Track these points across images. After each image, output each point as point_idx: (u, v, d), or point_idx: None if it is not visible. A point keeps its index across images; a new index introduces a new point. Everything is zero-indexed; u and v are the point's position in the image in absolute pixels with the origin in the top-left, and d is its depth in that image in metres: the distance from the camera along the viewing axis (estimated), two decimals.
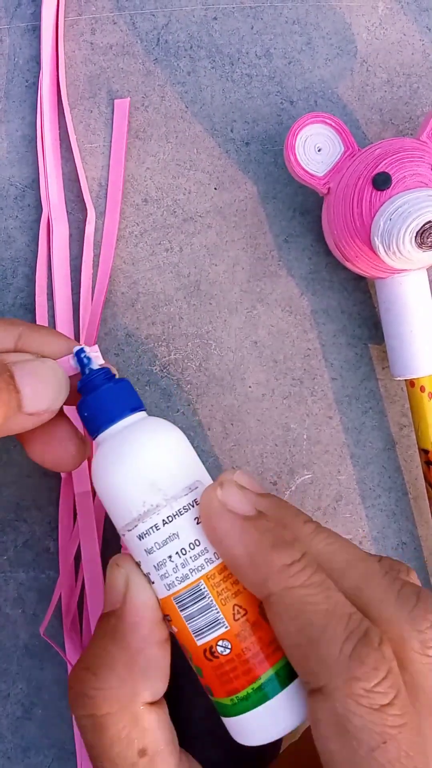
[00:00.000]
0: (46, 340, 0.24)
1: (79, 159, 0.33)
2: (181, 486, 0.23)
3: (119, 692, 0.22)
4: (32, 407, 0.22)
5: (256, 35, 0.34)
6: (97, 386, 0.24)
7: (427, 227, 0.28)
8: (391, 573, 0.23)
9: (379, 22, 0.35)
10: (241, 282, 0.34)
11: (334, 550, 0.23)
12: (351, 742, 0.19)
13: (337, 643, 0.20)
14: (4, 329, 0.24)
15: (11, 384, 0.21)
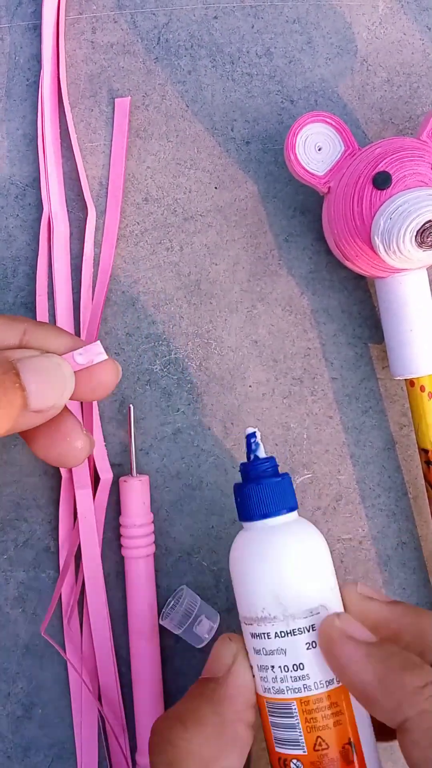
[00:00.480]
0: (51, 337, 0.24)
1: (79, 158, 0.33)
2: (303, 608, 0.24)
3: (202, 751, 0.22)
4: (38, 404, 0.22)
5: (256, 34, 0.34)
6: (262, 477, 0.25)
7: (427, 226, 0.28)
8: None
9: (380, 21, 0.35)
10: (242, 281, 0.34)
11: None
12: None
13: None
14: (9, 326, 0.24)
15: (17, 382, 0.21)
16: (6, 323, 0.24)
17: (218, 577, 0.33)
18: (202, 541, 0.33)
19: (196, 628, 0.31)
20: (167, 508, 0.33)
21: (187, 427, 0.33)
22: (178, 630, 0.31)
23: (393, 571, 0.33)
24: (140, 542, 0.31)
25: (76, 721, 0.32)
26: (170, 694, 0.32)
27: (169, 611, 0.31)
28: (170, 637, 0.32)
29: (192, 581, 0.33)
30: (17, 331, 0.24)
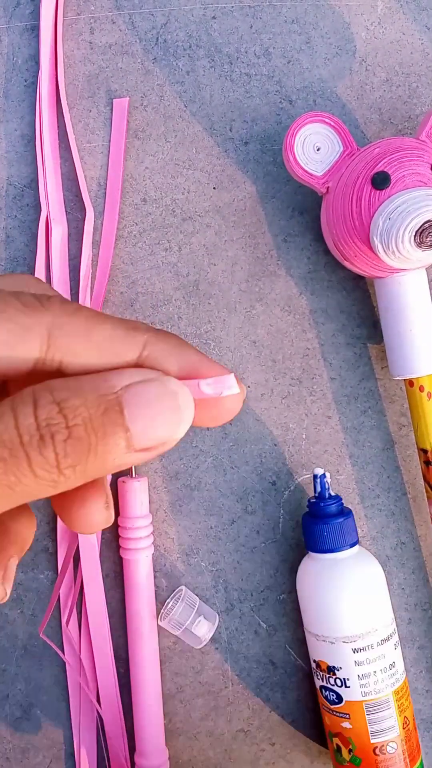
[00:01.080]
0: (174, 352, 0.20)
1: (77, 158, 0.33)
2: (390, 616, 0.30)
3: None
4: (144, 443, 0.18)
5: (255, 34, 0.34)
6: (331, 515, 0.30)
7: (426, 226, 0.28)
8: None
9: (378, 21, 0.35)
10: (240, 281, 0.34)
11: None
12: None
13: None
14: (127, 338, 0.20)
15: (119, 421, 0.18)
16: (124, 334, 0.20)
17: (217, 577, 0.33)
18: (201, 541, 0.33)
19: (194, 628, 0.31)
20: (166, 509, 0.33)
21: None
22: (177, 630, 0.31)
23: (392, 571, 0.33)
24: (139, 543, 0.31)
25: (74, 722, 0.32)
26: (169, 694, 0.32)
27: (167, 612, 0.31)
28: (169, 637, 0.32)
29: (191, 582, 0.33)
30: (137, 344, 0.20)
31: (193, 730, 0.33)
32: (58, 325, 0.19)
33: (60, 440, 0.17)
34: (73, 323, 0.19)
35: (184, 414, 0.19)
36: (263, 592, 0.33)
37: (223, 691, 0.33)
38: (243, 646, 0.33)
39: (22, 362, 0.19)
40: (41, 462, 0.17)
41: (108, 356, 0.19)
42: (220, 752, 0.33)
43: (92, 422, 0.17)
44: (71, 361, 0.19)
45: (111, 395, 0.18)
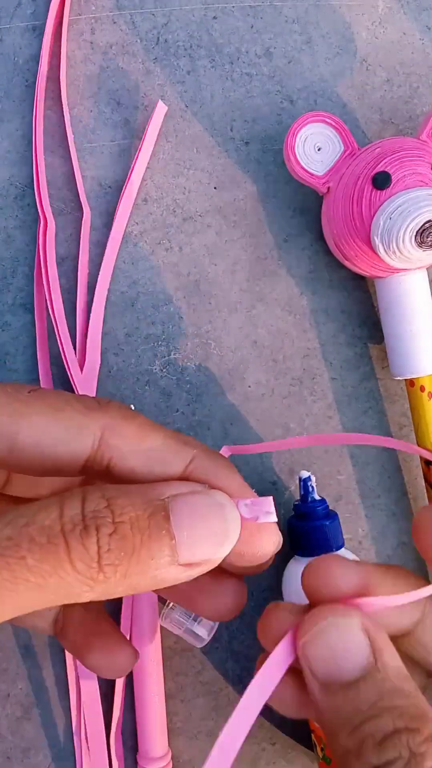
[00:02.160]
0: (221, 473, 0.20)
1: (75, 157, 0.33)
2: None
3: None
4: (189, 557, 0.17)
5: (255, 34, 0.34)
6: (316, 517, 0.30)
7: (427, 226, 0.28)
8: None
9: (379, 20, 0.35)
10: (241, 281, 0.34)
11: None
12: None
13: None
14: (177, 449, 0.19)
15: (164, 528, 0.17)
16: (175, 445, 0.19)
17: None
18: None
19: (196, 627, 0.31)
20: None
21: (187, 427, 0.33)
22: (178, 630, 0.31)
23: None
24: None
25: (74, 723, 0.32)
26: (170, 694, 0.32)
27: (169, 611, 0.31)
28: (170, 636, 0.32)
29: None
30: (185, 457, 0.19)
31: (193, 729, 0.33)
32: (112, 426, 0.19)
33: (105, 533, 0.16)
34: (127, 427, 0.19)
35: (230, 526, 0.18)
36: (264, 592, 0.33)
37: (224, 690, 0.33)
38: (244, 645, 0.33)
39: (74, 458, 0.19)
40: (81, 553, 0.16)
41: (155, 464, 0.19)
42: None
43: (138, 522, 0.17)
44: (119, 463, 0.19)
45: (158, 501, 0.17)
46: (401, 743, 0.16)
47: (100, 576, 0.16)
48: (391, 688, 0.17)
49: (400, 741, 0.16)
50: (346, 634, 0.17)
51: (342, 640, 0.17)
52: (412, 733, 0.16)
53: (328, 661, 0.17)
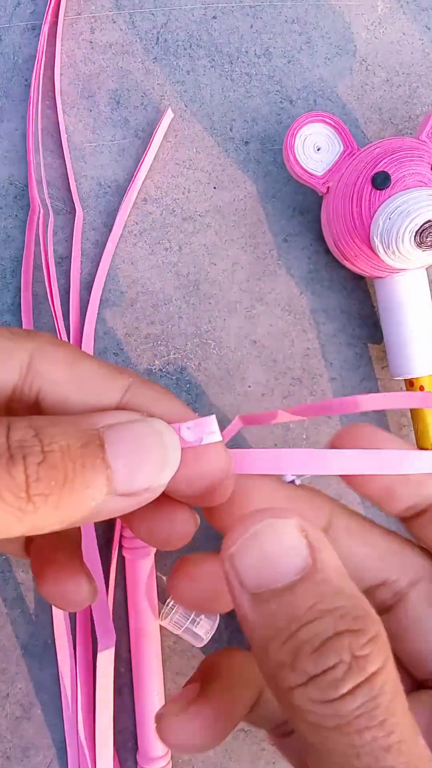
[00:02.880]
0: (158, 400, 0.19)
1: (68, 157, 0.33)
2: None
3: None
4: (126, 487, 0.16)
5: (255, 34, 0.34)
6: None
7: (426, 226, 0.28)
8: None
9: (379, 21, 0.35)
10: (241, 281, 0.34)
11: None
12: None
13: None
14: (111, 377, 0.18)
15: (99, 457, 0.16)
16: (109, 374, 0.18)
17: None
18: (201, 540, 0.33)
19: (195, 628, 0.31)
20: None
21: None
22: (178, 630, 0.31)
23: None
24: (141, 542, 0.31)
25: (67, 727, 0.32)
26: (170, 694, 0.32)
27: (168, 611, 0.31)
28: (170, 636, 0.32)
29: None
30: (120, 386, 0.18)
31: None
32: (41, 352, 0.17)
33: (33, 462, 0.15)
34: (57, 352, 0.18)
35: (170, 453, 0.17)
36: None
37: None
38: (244, 645, 0.33)
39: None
40: (7, 482, 0.15)
41: (89, 394, 0.18)
42: (220, 752, 0.33)
43: (70, 451, 0.16)
44: (49, 394, 0.18)
45: (92, 430, 0.16)
46: (342, 647, 0.14)
47: (29, 506, 0.15)
48: (331, 589, 0.15)
49: (341, 644, 0.14)
50: (282, 536, 0.16)
51: (277, 543, 0.16)
52: (354, 634, 0.14)
53: (261, 568, 0.16)
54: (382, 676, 0.14)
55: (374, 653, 0.14)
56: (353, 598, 0.15)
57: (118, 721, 0.33)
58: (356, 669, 0.14)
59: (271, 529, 0.16)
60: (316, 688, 0.14)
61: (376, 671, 0.14)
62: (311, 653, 0.14)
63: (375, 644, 0.15)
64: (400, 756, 0.14)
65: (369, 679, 0.14)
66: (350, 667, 0.14)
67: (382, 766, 0.14)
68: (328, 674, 0.14)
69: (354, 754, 0.14)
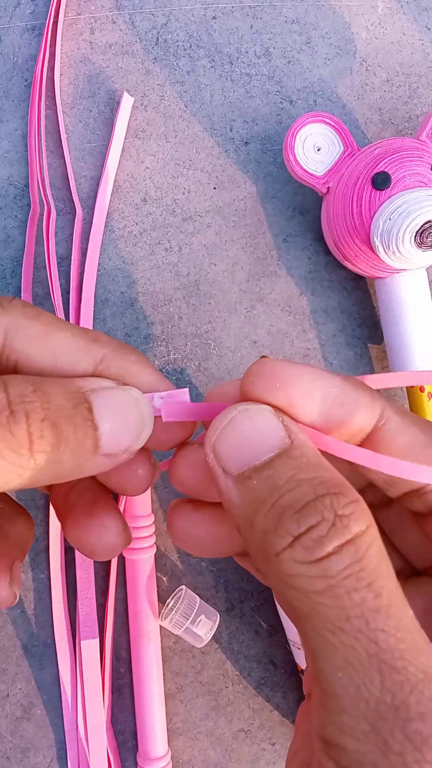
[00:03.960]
0: (132, 368, 0.20)
1: (68, 157, 0.33)
2: None
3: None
4: (111, 448, 0.17)
5: (255, 34, 0.34)
6: None
7: (426, 227, 0.28)
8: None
9: (379, 21, 0.35)
10: (241, 281, 0.34)
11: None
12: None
13: None
14: (86, 347, 0.19)
15: (89, 419, 0.17)
16: (83, 344, 0.19)
17: (217, 577, 0.33)
18: None
19: (196, 627, 0.31)
20: (166, 509, 0.33)
21: None
22: (178, 630, 0.31)
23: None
24: (141, 543, 0.31)
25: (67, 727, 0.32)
26: (169, 694, 0.32)
27: (168, 611, 0.31)
28: (170, 637, 0.32)
29: (191, 581, 0.33)
30: (94, 356, 0.19)
31: (193, 729, 0.33)
32: (15, 327, 0.18)
33: (36, 419, 0.16)
34: (31, 327, 0.18)
35: (146, 422, 0.18)
36: (264, 592, 0.33)
37: (223, 690, 0.33)
38: (243, 646, 0.33)
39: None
40: (9, 440, 0.15)
41: (64, 365, 0.18)
42: (220, 752, 0.33)
43: (64, 411, 0.16)
44: (26, 363, 0.18)
45: (79, 393, 0.17)
46: (324, 506, 0.15)
47: (30, 463, 0.16)
48: (309, 462, 0.16)
49: (323, 504, 0.15)
50: (258, 419, 0.17)
51: (254, 424, 0.16)
52: (335, 496, 0.15)
53: (240, 450, 0.16)
54: (367, 538, 0.14)
55: (357, 514, 0.15)
56: (332, 471, 0.16)
57: (118, 721, 0.33)
58: (340, 527, 0.14)
59: (246, 414, 0.17)
60: (302, 548, 0.14)
61: (360, 533, 0.14)
62: (293, 515, 0.15)
63: (357, 506, 0.15)
64: (389, 619, 0.14)
65: (353, 540, 0.14)
66: (334, 524, 0.14)
67: (372, 629, 0.14)
68: (312, 532, 0.14)
69: (344, 617, 0.14)
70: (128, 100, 0.33)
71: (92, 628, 0.31)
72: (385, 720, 0.13)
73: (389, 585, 0.14)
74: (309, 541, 0.14)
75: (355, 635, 0.14)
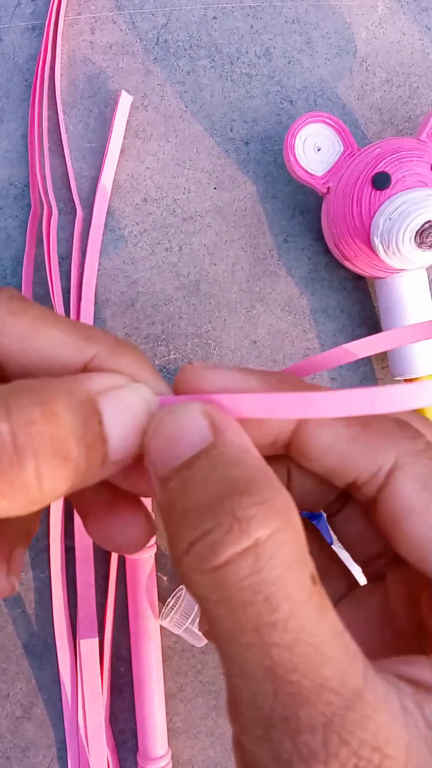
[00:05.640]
0: (128, 371, 0.18)
1: (68, 157, 0.33)
2: None
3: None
4: (119, 456, 0.16)
5: (255, 35, 0.34)
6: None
7: (426, 227, 0.28)
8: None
9: (379, 21, 0.35)
10: (241, 281, 0.34)
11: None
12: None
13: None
14: (76, 346, 0.17)
15: (99, 434, 0.16)
16: (73, 344, 0.17)
17: None
18: None
19: (195, 627, 0.31)
20: None
21: None
22: (178, 630, 0.31)
23: None
24: None
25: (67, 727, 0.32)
26: (170, 693, 0.32)
27: (168, 611, 0.31)
28: (170, 636, 0.32)
29: None
30: (84, 355, 0.18)
31: (193, 729, 0.33)
32: (1, 324, 0.17)
33: (46, 455, 0.15)
34: (17, 325, 0.17)
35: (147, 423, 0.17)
36: None
37: (223, 690, 0.33)
38: None
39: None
40: (13, 483, 0.14)
41: (50, 364, 0.17)
42: (220, 751, 0.33)
43: (75, 433, 0.15)
44: (12, 362, 0.17)
45: (87, 402, 0.16)
46: (222, 509, 0.14)
47: (37, 497, 0.15)
48: (226, 460, 0.15)
49: (221, 507, 0.14)
50: (183, 418, 0.16)
51: (178, 425, 0.16)
52: (239, 496, 0.14)
53: (165, 450, 0.15)
54: (271, 544, 0.13)
55: (260, 517, 0.13)
56: (251, 469, 0.15)
57: (118, 721, 0.33)
58: (237, 531, 0.13)
59: (172, 415, 0.16)
60: (195, 555, 0.14)
61: (262, 539, 0.13)
62: (193, 519, 0.14)
63: (263, 507, 0.14)
64: (285, 633, 0.13)
65: (252, 548, 0.13)
66: (231, 529, 0.13)
67: (266, 642, 0.13)
68: (206, 538, 0.13)
69: (239, 630, 0.13)
70: (126, 98, 0.33)
71: (92, 627, 0.31)
72: (277, 729, 0.13)
73: (294, 596, 0.13)
74: (202, 549, 0.13)
75: (249, 648, 0.13)
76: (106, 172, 0.33)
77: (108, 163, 0.33)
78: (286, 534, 0.14)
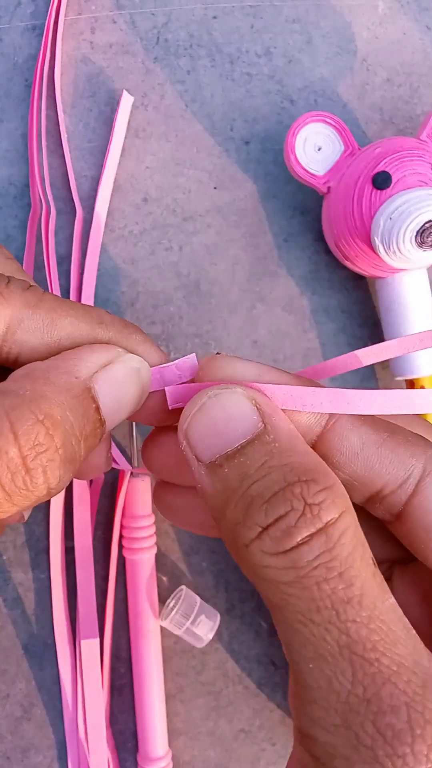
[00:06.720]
0: (140, 349, 0.19)
1: (68, 157, 0.33)
2: None
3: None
4: (111, 425, 0.17)
5: (256, 34, 0.34)
6: None
7: (427, 226, 0.28)
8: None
9: (380, 20, 0.35)
10: (241, 281, 0.34)
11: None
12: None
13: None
14: (91, 333, 0.18)
15: (98, 420, 0.16)
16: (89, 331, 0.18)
17: (218, 577, 0.33)
18: (202, 541, 0.33)
19: (196, 627, 0.31)
20: None
21: None
22: (178, 630, 0.31)
23: None
24: (142, 543, 0.31)
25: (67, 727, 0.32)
26: (170, 694, 0.32)
27: (168, 611, 0.31)
28: (170, 637, 0.32)
29: (192, 581, 0.33)
30: (100, 340, 0.18)
31: (193, 730, 0.33)
32: (18, 319, 0.17)
33: (54, 468, 0.15)
34: (34, 318, 0.17)
35: (146, 390, 0.18)
36: None
37: (223, 691, 0.33)
38: (244, 646, 0.33)
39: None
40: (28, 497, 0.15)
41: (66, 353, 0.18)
42: (220, 752, 0.33)
43: (78, 431, 0.16)
44: (28, 355, 0.18)
45: (86, 392, 0.16)
46: (293, 495, 0.14)
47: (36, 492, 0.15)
48: (281, 448, 0.15)
49: (292, 493, 0.14)
50: (229, 403, 0.16)
51: (224, 410, 0.16)
52: (306, 484, 0.14)
53: (211, 437, 0.16)
54: (340, 526, 0.14)
55: (329, 501, 0.14)
56: (305, 455, 0.15)
57: (118, 721, 0.33)
58: (310, 516, 0.14)
59: (216, 399, 0.16)
60: (270, 539, 0.14)
61: (332, 521, 0.14)
62: (262, 505, 0.14)
63: (330, 493, 0.14)
64: (361, 609, 0.13)
65: (324, 529, 0.14)
66: (303, 514, 0.14)
67: (343, 620, 0.13)
68: (280, 522, 0.14)
69: (314, 608, 0.13)
70: (128, 99, 0.33)
71: (92, 628, 0.31)
72: (357, 713, 0.13)
73: (363, 574, 0.14)
74: (277, 532, 0.14)
75: (326, 626, 0.13)
76: (107, 173, 0.33)
77: (109, 164, 0.33)
78: (349, 517, 0.14)
